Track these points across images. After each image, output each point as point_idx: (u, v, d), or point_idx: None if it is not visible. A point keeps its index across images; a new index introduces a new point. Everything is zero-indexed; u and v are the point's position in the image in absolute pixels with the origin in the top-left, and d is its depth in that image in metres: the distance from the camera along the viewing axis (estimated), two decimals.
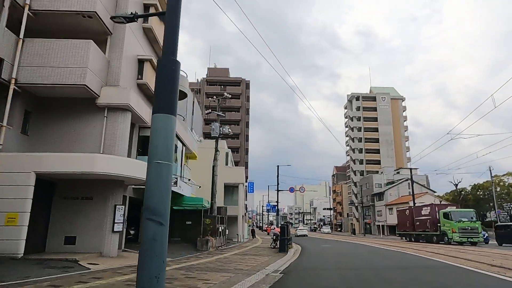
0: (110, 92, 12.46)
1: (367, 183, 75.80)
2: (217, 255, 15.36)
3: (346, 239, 40.39)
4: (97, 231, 11.67)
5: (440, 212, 30.25)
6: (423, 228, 32.90)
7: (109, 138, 12.30)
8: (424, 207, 34.06)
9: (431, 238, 31.18)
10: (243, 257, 14.36)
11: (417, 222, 33.99)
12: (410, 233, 35.88)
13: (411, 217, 35.47)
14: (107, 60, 12.90)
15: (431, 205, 32.88)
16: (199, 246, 17.84)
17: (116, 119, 12.50)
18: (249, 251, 18.62)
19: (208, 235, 18.42)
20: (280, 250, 17.29)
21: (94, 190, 12.00)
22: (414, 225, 34.43)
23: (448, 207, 31.52)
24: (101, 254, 11.45)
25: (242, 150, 64.82)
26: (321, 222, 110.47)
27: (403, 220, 37.69)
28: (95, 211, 11.82)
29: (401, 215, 38.99)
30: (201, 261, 12.46)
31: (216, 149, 22.35)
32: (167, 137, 5.14)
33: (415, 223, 34.30)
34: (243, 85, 69.18)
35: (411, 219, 35.34)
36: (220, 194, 32.24)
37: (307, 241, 34.31)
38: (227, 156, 33.85)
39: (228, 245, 23.24)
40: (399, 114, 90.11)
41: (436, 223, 30.35)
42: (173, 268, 9.85)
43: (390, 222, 63.95)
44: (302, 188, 43.77)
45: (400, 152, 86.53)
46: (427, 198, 57.13)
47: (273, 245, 20.52)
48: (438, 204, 34.48)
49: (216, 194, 31.06)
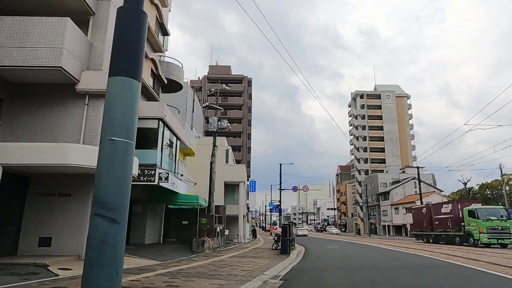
0: (91, 77, 11.22)
1: (372, 182, 74.22)
2: (213, 257, 14.09)
3: (351, 240, 38.97)
4: (75, 232, 10.43)
5: (464, 209, 27.23)
6: (443, 228, 29.86)
7: (91, 128, 11.06)
8: (445, 204, 31.04)
9: (452, 239, 28.16)
10: (240, 260, 13.07)
11: (436, 221, 31.08)
12: (427, 233, 32.73)
13: (428, 215, 32.43)
14: (89, 42, 11.67)
15: (453, 202, 29.82)
16: (195, 248, 16.58)
17: (98, 107, 11.25)
18: (248, 252, 17.34)
19: (204, 236, 17.15)
20: (282, 252, 16.00)
21: (72, 185, 10.75)
22: (433, 225, 31.53)
23: (472, 204, 28.53)
24: (80, 257, 10.20)
25: (244, 148, 63.56)
26: (325, 222, 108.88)
27: (420, 219, 34.62)
28: (74, 209, 10.57)
29: (417, 214, 35.87)
30: (193, 264, 11.19)
31: (214, 144, 21.11)
32: (127, 106, 3.86)
33: (433, 222, 31.40)
34: (245, 83, 67.91)
35: (428, 218, 32.33)
36: (220, 193, 31.00)
37: (310, 242, 32.95)
38: (227, 153, 32.57)
39: (227, 246, 21.97)
40: (404, 112, 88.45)
41: (459, 222, 27.40)
42: (157, 274, 8.58)
43: (396, 222, 62.41)
44: (305, 187, 42.41)
45: (405, 151, 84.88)
46: (434, 197, 55.54)
47: (275, 247, 19.22)
48: (461, 201, 31.94)
49: (216, 193, 29.86)
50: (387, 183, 71.39)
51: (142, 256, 12.48)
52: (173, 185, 15.63)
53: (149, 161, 13.66)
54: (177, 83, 18.88)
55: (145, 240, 16.63)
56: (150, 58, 15.27)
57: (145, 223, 16.81)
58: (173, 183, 15.68)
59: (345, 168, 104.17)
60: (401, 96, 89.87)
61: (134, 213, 16.91)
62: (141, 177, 13.22)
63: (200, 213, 18.33)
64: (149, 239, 17.16)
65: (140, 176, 13.21)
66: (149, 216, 17.23)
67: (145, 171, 13.29)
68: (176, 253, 14.65)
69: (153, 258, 12.30)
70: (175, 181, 16.17)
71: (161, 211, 19.06)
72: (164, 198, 17.11)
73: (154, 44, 16.65)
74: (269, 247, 21.12)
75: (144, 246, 15.88)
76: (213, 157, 20.74)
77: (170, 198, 17.30)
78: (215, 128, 20.96)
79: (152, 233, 17.64)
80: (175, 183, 16.12)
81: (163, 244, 18.14)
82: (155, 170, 13.32)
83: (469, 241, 25.90)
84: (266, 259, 13.78)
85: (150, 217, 17.38)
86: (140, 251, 14.12)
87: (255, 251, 18.58)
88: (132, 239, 16.69)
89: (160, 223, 18.94)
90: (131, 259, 11.72)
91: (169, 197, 17.17)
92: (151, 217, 17.48)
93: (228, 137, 59.23)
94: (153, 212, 17.87)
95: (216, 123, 20.97)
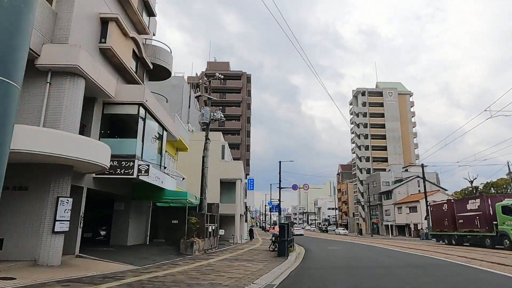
0: (54, 51, 9.60)
1: (374, 181, 72.46)
2: (201, 260, 12.46)
3: (354, 240, 37.30)
4: (32, 232, 8.80)
5: (497, 205, 22.90)
6: (469, 227, 25.52)
7: (53, 110, 9.44)
8: (471, 199, 26.52)
9: (481, 240, 23.87)
10: (231, 264, 11.44)
11: (460, 220, 26.74)
12: (449, 233, 28.18)
13: (450, 213, 28.04)
14: (53, 12, 10.05)
15: (482, 196, 25.37)
16: (183, 250, 14.94)
17: (62, 87, 9.64)
18: (242, 255, 15.70)
19: (193, 236, 15.51)
20: (279, 254, 14.35)
21: (30, 178, 9.13)
22: (456, 224, 27.23)
23: (505, 199, 23.79)
24: (36, 262, 8.58)
25: (243, 146, 61.89)
26: (326, 222, 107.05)
27: (440, 217, 30.03)
28: (31, 206, 8.95)
29: (436, 211, 31.18)
30: (173, 270, 9.56)
31: (206, 137, 19.48)
32: None
33: (457, 221, 27.12)
34: (244, 79, 66.23)
35: (451, 216, 27.96)
36: (216, 191, 29.37)
37: (310, 242, 31.27)
38: (223, 149, 30.91)
39: (221, 247, 20.33)
40: (407, 110, 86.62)
41: (490, 220, 23.24)
42: (122, 284, 6.95)
43: (399, 222, 60.70)
44: (305, 185, 40.75)
45: (408, 149, 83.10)
46: (439, 196, 53.80)
47: (272, 248, 17.56)
48: (492, 196, 28.11)
49: (211, 191, 28.23)
50: (389, 182, 69.65)
51: (117, 260, 10.86)
52: (157, 180, 14.00)
53: (127, 151, 12.03)
54: (165, 69, 17.24)
55: (127, 241, 14.98)
56: (131, 37, 13.63)
57: (128, 223, 15.17)
58: (158, 178, 14.04)
59: (346, 167, 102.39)
60: (404, 93, 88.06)
61: (116, 211, 15.28)
62: (117, 169, 11.59)
63: (190, 211, 16.70)
64: (132, 240, 15.52)
65: (116, 168, 11.58)
66: (133, 215, 15.59)
67: (122, 162, 11.66)
68: (159, 256, 13.03)
69: (130, 263, 10.68)
70: (161, 175, 14.53)
71: (148, 209, 17.42)
72: (149, 194, 15.46)
73: (137, 24, 15.02)
74: (266, 249, 19.49)
75: (126, 248, 14.25)
76: (205, 151, 19.09)
77: (156, 195, 15.65)
78: (207, 120, 19.31)
79: (136, 233, 16.00)
80: (160, 178, 14.48)
81: (149, 245, 16.50)
82: (134, 162, 11.68)
83: (503, 243, 21.93)
84: (261, 262, 12.15)
85: (134, 215, 15.75)
86: (119, 254, 12.48)
87: (250, 253, 16.94)
88: (113, 240, 15.06)
89: (146, 223, 17.30)
90: (102, 264, 10.10)
91: (155, 194, 15.53)
92: (135, 216, 15.84)
93: (227, 135, 57.59)
94: (138, 210, 16.23)
95: (209, 113, 19.32)
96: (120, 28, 12.69)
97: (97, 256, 11.10)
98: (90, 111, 11.57)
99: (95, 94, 11.46)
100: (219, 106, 59.58)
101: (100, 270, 9.08)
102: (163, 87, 38.11)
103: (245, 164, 60.16)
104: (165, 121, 15.49)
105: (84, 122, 11.36)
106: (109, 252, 12.71)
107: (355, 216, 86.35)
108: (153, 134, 14.43)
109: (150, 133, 13.84)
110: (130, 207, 15.38)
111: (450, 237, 28.18)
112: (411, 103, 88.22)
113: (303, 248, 21.88)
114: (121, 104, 12.27)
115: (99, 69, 10.71)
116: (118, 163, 11.64)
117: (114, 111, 12.35)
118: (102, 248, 13.37)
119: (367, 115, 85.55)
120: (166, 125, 15.46)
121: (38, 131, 8.35)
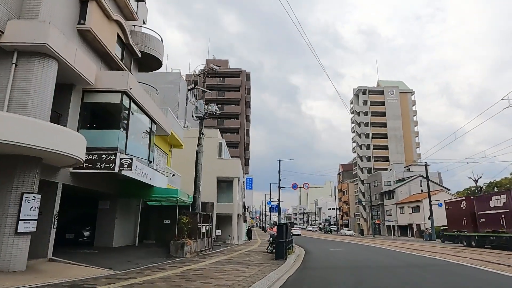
0: (20, 28, 8.49)
1: (375, 181, 71.29)
2: (191, 264, 11.34)
3: (356, 241, 36.15)
4: None
5: None
6: (492, 227, 22.96)
7: (19, 94, 8.33)
8: (495, 195, 23.69)
9: (509, 242, 21.00)
10: (222, 268, 10.32)
11: (481, 219, 24.24)
12: (468, 234, 25.44)
13: (470, 211, 25.38)
14: None
15: (508, 192, 22.42)
16: (172, 251, 13.81)
17: (30, 68, 8.52)
18: (237, 257, 14.58)
19: (185, 237, 14.39)
20: (277, 257, 13.23)
21: None
22: (477, 223, 24.61)
23: None
24: None
25: (242, 145, 60.75)
26: (327, 222, 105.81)
27: (457, 216, 27.25)
28: None
29: (453, 209, 28.34)
30: (156, 275, 8.44)
31: (200, 132, 18.36)
32: None
33: (477, 220, 24.61)
34: (243, 77, 65.09)
35: (470, 214, 25.30)
36: (213, 190, 28.31)
37: (310, 243, 30.14)
38: (220, 146, 29.79)
39: (216, 248, 19.20)
40: (409, 108, 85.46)
41: None
42: None
43: (401, 222, 59.54)
44: (306, 184, 39.57)
45: (409, 148, 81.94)
46: (442, 196, 52.64)
47: (270, 249, 16.44)
48: None
49: (207, 190, 27.13)
50: (391, 181, 68.46)
51: (96, 264, 9.73)
52: (144, 176, 12.88)
53: (109, 144, 10.91)
54: (155, 58, 16.13)
55: (112, 243, 13.86)
56: (115, 20, 12.52)
57: (114, 223, 14.04)
58: (145, 174, 12.93)
59: (347, 166, 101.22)
60: (405, 92, 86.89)
61: (100, 210, 14.16)
62: (97, 163, 10.47)
63: (182, 210, 15.59)
64: (119, 241, 14.40)
65: (96, 162, 10.47)
66: (120, 214, 14.47)
67: (102, 156, 10.54)
68: (146, 259, 11.90)
69: (109, 267, 9.55)
70: (149, 171, 13.41)
71: (137, 208, 16.29)
72: (137, 192, 14.33)
73: (124, 8, 13.89)
74: (263, 250, 18.37)
75: (110, 250, 13.14)
76: (199, 146, 17.97)
77: (144, 193, 14.52)
78: (201, 113, 18.19)
79: (123, 234, 14.87)
80: (149, 174, 13.37)
81: (138, 247, 15.37)
82: (116, 155, 10.56)
83: None
84: (256, 266, 11.03)
85: (121, 215, 14.63)
86: (100, 256, 11.37)
87: (246, 255, 15.81)
88: (97, 241, 13.94)
89: (135, 222, 16.16)
90: (75, 269, 8.98)
91: (143, 191, 14.40)
92: (122, 215, 14.72)
93: (225, 133, 56.43)
94: (125, 209, 15.12)
95: (203, 107, 18.20)
96: (102, 9, 11.59)
97: (74, 260, 9.97)
98: (67, 99, 10.46)
99: (73, 80, 10.35)
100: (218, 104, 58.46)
101: (71, 276, 7.97)
102: (160, 83, 37.09)
103: (245, 164, 59.03)
104: (154, 113, 14.37)
105: (60, 111, 10.25)
106: (90, 254, 11.60)
107: (356, 216, 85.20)
108: (140, 126, 13.30)
109: (136, 125, 12.72)
110: (117, 206, 14.26)
111: (469, 238, 25.39)
112: (413, 101, 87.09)
113: (303, 249, 20.78)
114: (102, 92, 11.15)
115: (75, 51, 9.59)
116: (98, 156, 10.52)
117: (95, 99, 11.23)
118: (83, 251, 12.25)
119: (368, 113, 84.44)
120: (155, 118, 14.34)
121: None
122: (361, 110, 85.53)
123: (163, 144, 19.23)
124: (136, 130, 12.80)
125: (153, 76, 33.27)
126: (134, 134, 12.66)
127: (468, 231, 25.46)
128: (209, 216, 17.97)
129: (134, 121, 12.46)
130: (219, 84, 62.65)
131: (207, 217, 17.60)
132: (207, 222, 17.43)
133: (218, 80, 62.71)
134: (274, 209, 58.43)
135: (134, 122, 12.39)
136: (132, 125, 12.13)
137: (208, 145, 27.42)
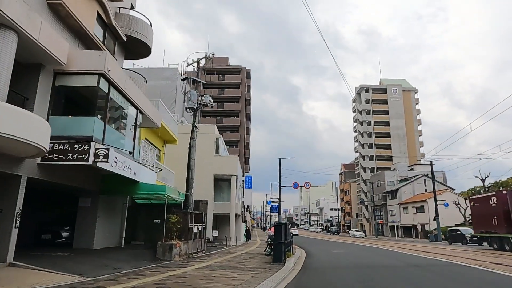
0: None
1: (378, 181, 69.88)
2: (177, 268, 10.04)
3: (359, 242, 34.77)
4: None
5: None
6: None
7: None
8: None
9: None
10: (211, 274, 9.02)
11: None
12: (501, 236, 21.50)
13: (502, 209, 21.36)
14: None
15: None
16: (160, 254, 12.52)
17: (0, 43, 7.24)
18: (231, 260, 13.27)
19: (174, 238, 13.09)
20: (275, 260, 11.91)
21: None
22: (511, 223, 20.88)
23: None
24: None
25: (242, 143, 59.43)
26: (328, 223, 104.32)
27: (485, 215, 23.31)
28: None
29: (480, 207, 24.22)
30: (129, 284, 7.15)
31: (193, 125, 17.07)
32: None
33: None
34: (243, 74, 63.77)
35: (503, 212, 21.29)
36: (209, 188, 27.02)
37: (310, 243, 28.78)
38: (217, 142, 28.47)
39: (211, 250, 17.90)
40: (412, 107, 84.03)
41: None
42: None
43: (405, 223, 58.12)
44: (307, 183, 38.25)
45: (413, 148, 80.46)
46: (447, 196, 51.33)
47: (268, 251, 15.12)
48: None
49: (203, 188, 25.83)
50: (394, 181, 67.10)
51: (65, 269, 8.44)
52: (128, 170, 11.59)
53: (82, 132, 9.63)
54: (143, 43, 14.88)
55: (93, 244, 12.57)
56: None
57: (95, 222, 12.75)
58: (128, 168, 11.64)
59: (349, 166, 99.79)
60: (408, 90, 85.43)
61: (80, 208, 12.87)
62: (69, 154, 9.18)
63: (171, 208, 14.31)
64: (101, 243, 13.11)
65: (67, 152, 9.18)
66: (102, 213, 13.18)
67: (75, 145, 9.25)
68: (127, 263, 10.61)
69: (80, 273, 8.25)
70: (133, 165, 12.12)
71: (123, 206, 15.01)
72: (121, 188, 13.04)
73: None
74: (261, 252, 17.09)
75: (90, 253, 11.85)
76: (192, 141, 16.67)
77: (129, 189, 13.23)
78: (194, 105, 16.90)
79: (106, 234, 13.58)
80: (133, 168, 12.08)
81: (123, 249, 14.08)
82: (90, 145, 9.26)
83: None
84: (250, 271, 9.73)
85: (104, 213, 13.34)
86: (75, 260, 10.07)
87: (241, 257, 14.50)
88: (76, 243, 12.65)
89: (121, 222, 14.87)
90: (37, 275, 7.68)
91: (128, 188, 13.11)
92: (105, 214, 13.44)
93: (225, 132, 55.15)
94: (110, 207, 13.83)
95: (196, 98, 16.91)
96: None
97: (40, 265, 8.68)
98: (34, 81, 9.17)
99: (40, 60, 9.07)
100: (218, 102, 57.16)
101: (28, 284, 6.70)
102: (156, 79, 35.84)
103: (244, 163, 57.72)
104: (141, 102, 13.06)
105: (26, 94, 8.98)
106: (63, 258, 10.31)
107: (359, 217, 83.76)
108: (122, 115, 12.01)
109: (116, 113, 11.44)
110: (98, 204, 12.97)
111: (501, 240, 21.69)
112: (416, 100, 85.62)
113: (303, 251, 19.46)
114: (76, 73, 9.85)
115: (40, 24, 8.31)
116: (70, 146, 9.23)
117: (68, 82, 9.93)
118: (56, 253, 10.95)
119: (371, 112, 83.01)
120: (141, 107, 13.03)
121: None
122: (363, 109, 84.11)
123: (154, 138, 17.96)
124: (117, 119, 11.52)
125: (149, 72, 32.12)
126: (115, 124, 11.39)
127: (500, 232, 21.54)
128: (203, 215, 16.67)
129: (115, 109, 11.17)
130: (218, 81, 61.38)
131: (200, 216, 16.29)
132: (200, 222, 16.13)
133: (218, 78, 61.43)
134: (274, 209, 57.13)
135: (114, 110, 11.11)
136: (112, 113, 10.86)
137: (204, 141, 26.15)
